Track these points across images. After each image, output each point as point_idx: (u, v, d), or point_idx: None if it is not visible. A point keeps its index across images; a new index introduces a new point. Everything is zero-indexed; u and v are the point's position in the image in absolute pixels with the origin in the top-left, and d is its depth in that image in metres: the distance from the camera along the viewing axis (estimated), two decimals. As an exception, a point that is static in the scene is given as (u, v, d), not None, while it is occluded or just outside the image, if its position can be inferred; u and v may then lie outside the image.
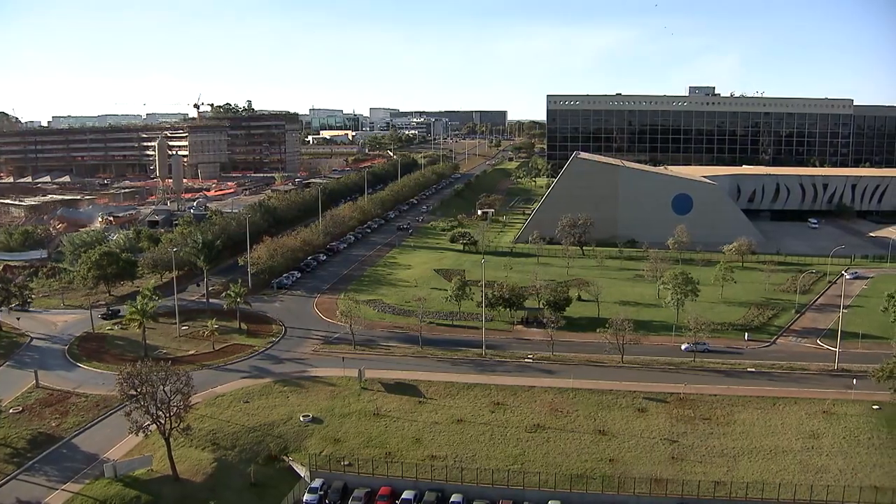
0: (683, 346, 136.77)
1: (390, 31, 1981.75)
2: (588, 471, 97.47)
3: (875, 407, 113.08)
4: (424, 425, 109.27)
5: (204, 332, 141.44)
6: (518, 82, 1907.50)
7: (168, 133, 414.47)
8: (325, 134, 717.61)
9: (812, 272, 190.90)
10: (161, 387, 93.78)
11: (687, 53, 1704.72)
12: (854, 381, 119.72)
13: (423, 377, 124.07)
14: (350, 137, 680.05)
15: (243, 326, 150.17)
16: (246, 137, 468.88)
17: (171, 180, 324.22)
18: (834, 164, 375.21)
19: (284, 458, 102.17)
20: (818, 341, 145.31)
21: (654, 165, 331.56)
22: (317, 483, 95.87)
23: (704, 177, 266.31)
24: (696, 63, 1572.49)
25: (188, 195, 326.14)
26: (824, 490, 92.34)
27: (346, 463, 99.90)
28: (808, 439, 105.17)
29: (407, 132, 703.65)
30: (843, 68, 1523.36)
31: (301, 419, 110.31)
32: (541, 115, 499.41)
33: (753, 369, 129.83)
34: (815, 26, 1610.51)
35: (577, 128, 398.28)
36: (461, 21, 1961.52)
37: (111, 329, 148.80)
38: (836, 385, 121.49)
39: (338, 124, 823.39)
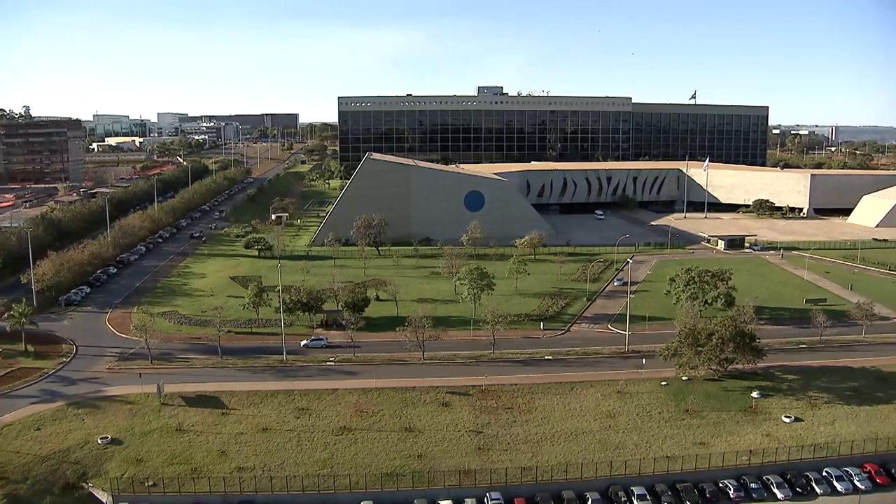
0: (303, 343, 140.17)
1: (177, 31, 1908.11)
2: (398, 468, 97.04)
3: (663, 383, 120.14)
4: (229, 437, 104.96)
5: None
6: (309, 85, 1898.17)
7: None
8: (111, 141, 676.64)
9: (600, 261, 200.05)
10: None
11: (474, 54, 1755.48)
12: (643, 360, 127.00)
13: (224, 388, 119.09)
14: (138, 144, 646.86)
15: (30, 348, 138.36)
16: (24, 146, 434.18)
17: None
18: (616, 159, 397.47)
19: (84, 485, 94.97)
20: (609, 326, 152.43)
21: (446, 164, 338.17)
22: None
23: (495, 174, 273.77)
24: (485, 63, 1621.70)
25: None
26: (623, 465, 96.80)
27: (151, 483, 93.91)
28: (606, 419, 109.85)
29: (197, 137, 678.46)
30: (621, 69, 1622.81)
31: (99, 441, 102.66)
32: (333, 118, 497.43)
33: (550, 357, 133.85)
34: (592, 28, 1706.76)
35: (369, 129, 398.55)
36: (250, 22, 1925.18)
37: None
38: (628, 366, 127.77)
39: (124, 130, 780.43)
